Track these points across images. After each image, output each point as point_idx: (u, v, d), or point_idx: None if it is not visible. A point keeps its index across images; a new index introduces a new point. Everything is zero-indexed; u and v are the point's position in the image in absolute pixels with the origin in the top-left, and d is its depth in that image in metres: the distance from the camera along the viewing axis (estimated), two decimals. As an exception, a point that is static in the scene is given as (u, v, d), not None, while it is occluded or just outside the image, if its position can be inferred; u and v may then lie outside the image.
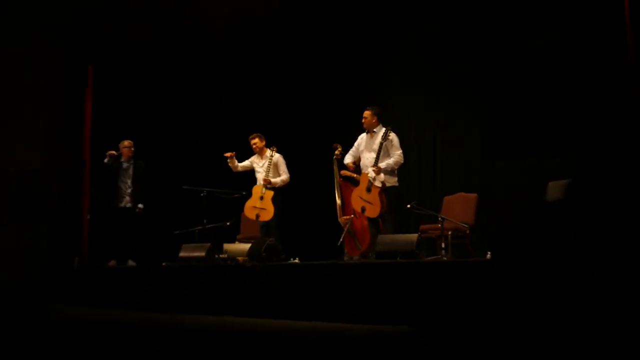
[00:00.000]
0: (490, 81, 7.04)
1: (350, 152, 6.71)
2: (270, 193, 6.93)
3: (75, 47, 8.65)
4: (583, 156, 5.15)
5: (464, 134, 7.77)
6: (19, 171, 7.28)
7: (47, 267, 8.09)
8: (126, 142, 7.74)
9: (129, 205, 7.61)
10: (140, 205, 7.69)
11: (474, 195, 6.49)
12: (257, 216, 6.94)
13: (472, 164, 7.62)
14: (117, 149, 7.70)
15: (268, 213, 6.88)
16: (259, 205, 6.92)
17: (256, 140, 7.29)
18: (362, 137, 6.64)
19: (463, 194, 6.72)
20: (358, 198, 6.26)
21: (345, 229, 6.45)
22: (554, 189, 5.00)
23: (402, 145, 7.06)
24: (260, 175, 7.20)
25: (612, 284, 2.92)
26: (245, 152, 7.72)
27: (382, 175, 6.21)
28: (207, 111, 9.83)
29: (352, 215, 6.54)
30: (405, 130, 8.31)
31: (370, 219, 6.30)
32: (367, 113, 6.51)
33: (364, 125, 6.55)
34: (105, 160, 7.60)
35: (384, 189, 6.20)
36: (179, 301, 5.94)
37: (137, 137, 7.99)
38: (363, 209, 6.21)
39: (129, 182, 7.65)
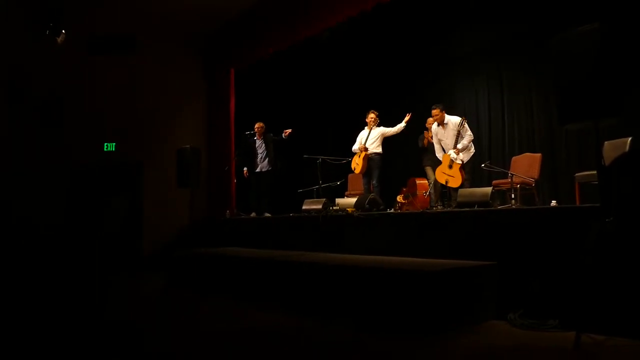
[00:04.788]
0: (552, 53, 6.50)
1: (437, 148, 6.48)
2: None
3: (222, 55, 9.01)
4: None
5: (526, 104, 7.44)
6: (191, 148, 7.64)
7: (206, 217, 8.60)
8: (258, 123, 7.93)
9: (262, 170, 7.82)
10: (287, 131, 7.71)
11: (539, 155, 6.16)
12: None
13: (534, 128, 7.32)
14: (252, 129, 7.92)
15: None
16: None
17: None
18: (435, 129, 6.44)
19: (529, 154, 6.40)
20: (442, 173, 6.15)
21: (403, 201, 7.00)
22: (611, 146, 4.63)
23: (477, 115, 6.79)
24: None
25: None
26: (349, 127, 7.70)
27: (461, 154, 6.06)
28: (320, 97, 9.91)
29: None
30: (480, 104, 8.04)
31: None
32: (436, 111, 6.30)
33: (437, 120, 6.33)
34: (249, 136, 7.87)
35: (463, 165, 6.06)
36: (303, 242, 6.08)
37: (270, 121, 8.14)
38: (447, 182, 6.09)
39: (262, 152, 7.85)
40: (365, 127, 7.17)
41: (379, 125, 7.09)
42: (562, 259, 3.65)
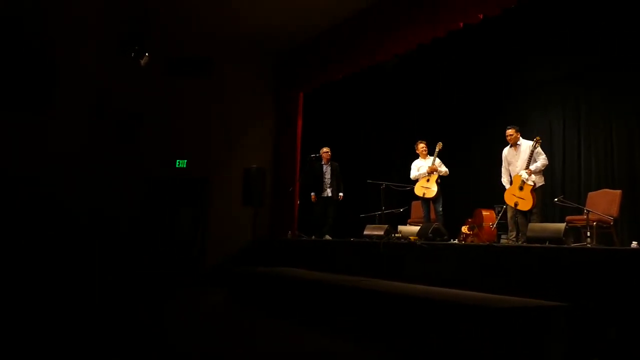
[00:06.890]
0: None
1: (503, 172, 6.14)
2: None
3: (291, 79, 9.21)
4: None
5: (605, 137, 7.03)
6: (257, 168, 7.80)
7: (269, 237, 8.69)
8: (325, 148, 7.96)
9: (327, 195, 7.81)
10: (340, 194, 7.81)
11: (618, 192, 5.78)
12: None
13: (614, 162, 6.90)
14: (317, 152, 7.96)
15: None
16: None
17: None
18: (506, 152, 6.12)
19: (607, 190, 6.02)
20: (511, 195, 5.82)
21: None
22: None
23: (551, 148, 6.48)
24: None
25: None
26: (414, 154, 7.58)
27: (533, 176, 5.72)
28: (387, 122, 9.87)
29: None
30: (555, 135, 7.69)
31: (520, 212, 5.80)
32: (511, 131, 6.00)
33: (511, 141, 6.01)
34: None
35: (535, 188, 5.70)
36: (362, 268, 6.00)
37: (334, 145, 8.18)
38: (516, 204, 5.74)
39: (328, 177, 7.86)
40: (419, 158, 7.05)
41: (438, 156, 6.90)
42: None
